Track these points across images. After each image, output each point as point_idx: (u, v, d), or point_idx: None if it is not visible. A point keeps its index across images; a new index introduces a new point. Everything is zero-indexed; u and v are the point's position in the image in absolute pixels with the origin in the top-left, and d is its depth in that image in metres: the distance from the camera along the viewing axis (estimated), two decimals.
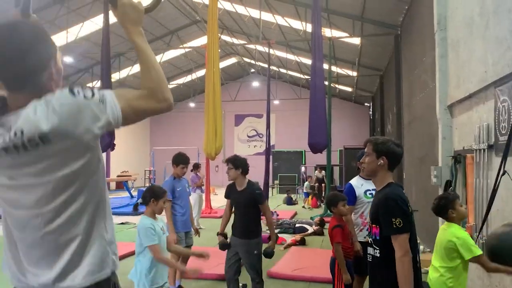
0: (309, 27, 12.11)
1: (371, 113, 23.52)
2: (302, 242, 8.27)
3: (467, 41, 4.82)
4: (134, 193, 16.58)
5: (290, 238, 8.49)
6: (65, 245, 1.26)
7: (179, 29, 18.37)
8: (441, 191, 5.54)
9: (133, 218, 11.27)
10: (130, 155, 24.07)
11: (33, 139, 1.17)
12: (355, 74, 18.32)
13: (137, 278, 3.24)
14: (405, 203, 2.32)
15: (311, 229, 9.43)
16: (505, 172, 3.34)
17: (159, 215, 3.45)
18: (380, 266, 2.36)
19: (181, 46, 18.74)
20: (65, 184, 1.23)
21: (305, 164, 23.03)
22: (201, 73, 21.13)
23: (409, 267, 2.23)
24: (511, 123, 3.45)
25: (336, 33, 13.77)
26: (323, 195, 15.54)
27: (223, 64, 22.51)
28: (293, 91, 22.70)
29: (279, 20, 14.94)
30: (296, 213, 13.19)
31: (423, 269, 5.04)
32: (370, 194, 4.13)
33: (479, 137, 4.29)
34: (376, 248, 2.38)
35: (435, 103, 5.91)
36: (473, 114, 4.71)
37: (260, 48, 19.18)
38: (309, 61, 13.96)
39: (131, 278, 3.32)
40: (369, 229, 2.48)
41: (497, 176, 3.40)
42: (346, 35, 13.36)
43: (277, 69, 22.57)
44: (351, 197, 4.21)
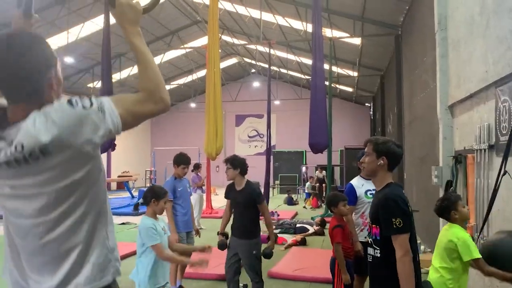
0: (309, 27, 12.11)
1: (371, 113, 23.51)
2: (302, 242, 8.26)
3: (468, 40, 4.82)
4: (135, 193, 16.59)
5: (290, 238, 8.48)
6: (66, 253, 1.27)
7: (179, 30, 18.39)
8: (442, 191, 5.54)
9: (134, 218, 11.27)
10: (131, 155, 24.10)
11: (34, 153, 1.17)
12: (355, 74, 18.32)
13: (139, 278, 3.25)
14: (405, 203, 2.32)
15: (311, 229, 9.43)
16: (505, 172, 3.34)
17: (160, 215, 3.44)
18: (380, 266, 2.36)
19: (182, 46, 18.76)
20: (66, 194, 1.24)
21: (306, 164, 23.02)
22: (202, 73, 21.13)
23: (410, 267, 2.23)
24: None
25: (336, 33, 13.77)
26: (323, 195, 15.53)
27: (224, 64, 22.52)
28: (294, 91, 22.70)
29: (280, 20, 14.95)
30: (296, 213, 13.18)
31: (424, 269, 5.05)
32: (370, 194, 4.13)
33: (479, 137, 4.29)
34: (376, 248, 2.37)
35: (436, 103, 5.90)
36: (473, 114, 4.70)
37: (260, 48, 19.18)
38: (309, 61, 13.96)
39: (132, 278, 3.32)
40: (369, 229, 2.48)
41: (498, 176, 3.40)
42: (346, 35, 13.37)
43: (278, 69, 22.58)
44: (352, 197, 4.22)
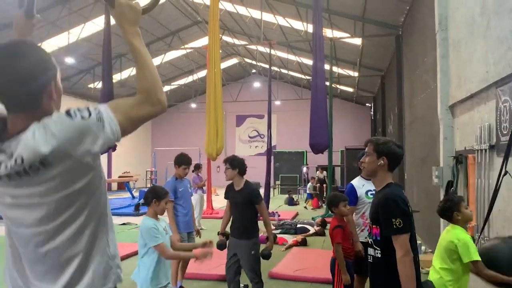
0: (310, 28, 12.13)
1: (372, 113, 23.49)
2: (303, 242, 8.25)
3: (468, 41, 4.82)
4: (135, 193, 16.60)
5: (291, 238, 8.48)
6: (67, 261, 1.27)
7: (180, 30, 18.41)
8: (442, 192, 5.54)
9: (135, 218, 11.28)
10: (131, 155, 24.11)
11: (34, 165, 1.17)
12: (356, 74, 18.32)
13: (140, 278, 3.25)
14: (405, 203, 2.32)
15: (312, 230, 9.43)
16: (506, 172, 3.35)
17: (161, 216, 3.44)
18: (381, 266, 2.36)
19: (182, 47, 18.78)
20: (66, 204, 1.24)
21: (307, 164, 23.00)
22: (202, 73, 21.13)
23: (410, 267, 2.23)
24: None
25: (337, 34, 13.77)
26: (324, 195, 15.52)
27: (224, 64, 22.53)
28: (294, 91, 22.70)
29: (280, 20, 14.96)
30: (297, 214, 13.18)
31: (425, 270, 5.05)
32: (371, 194, 4.13)
33: (480, 137, 4.29)
34: (376, 248, 2.37)
35: (437, 104, 5.90)
36: (474, 114, 4.70)
37: (261, 48, 19.19)
38: (310, 62, 13.98)
39: (134, 279, 3.32)
40: (369, 230, 2.48)
41: (499, 176, 3.40)
42: (347, 35, 13.37)
43: (278, 70, 22.59)
44: (353, 197, 4.22)
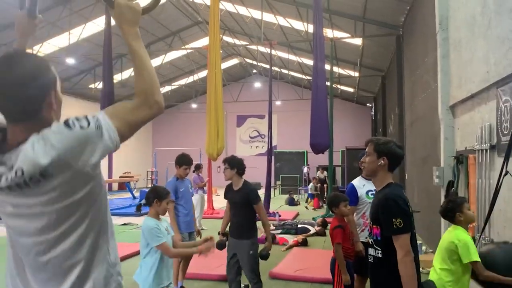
0: (310, 28, 12.13)
1: (373, 113, 23.48)
2: (304, 243, 8.25)
3: (469, 41, 4.82)
4: (136, 194, 16.60)
5: (292, 239, 8.48)
6: (69, 269, 1.28)
7: (181, 30, 18.42)
8: (443, 192, 5.54)
9: (136, 219, 11.28)
10: (132, 156, 24.11)
11: (34, 177, 1.17)
12: (357, 74, 18.32)
13: (142, 279, 3.25)
14: (406, 203, 2.32)
15: (313, 230, 9.43)
16: (507, 172, 3.35)
17: (162, 216, 3.45)
18: (381, 266, 2.36)
19: (183, 47, 18.80)
20: (67, 214, 1.25)
21: (308, 164, 22.99)
22: (203, 74, 21.13)
23: (411, 267, 2.23)
24: None
25: (337, 34, 13.77)
26: (325, 195, 15.51)
27: (225, 65, 22.54)
28: (295, 91, 22.70)
29: (281, 21, 14.96)
30: (298, 214, 13.17)
31: (425, 270, 5.05)
32: (372, 194, 4.12)
33: (481, 137, 4.30)
34: (377, 248, 2.37)
35: (437, 104, 5.90)
36: (475, 114, 4.70)
37: (262, 49, 19.20)
38: (310, 62, 13.97)
39: (136, 279, 3.33)
40: (369, 230, 2.48)
41: (499, 176, 3.40)
42: (347, 35, 13.38)
43: (279, 70, 22.59)
44: (353, 197, 4.22)
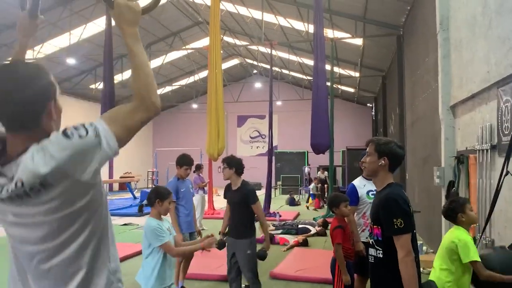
0: (311, 28, 12.14)
1: (373, 113, 23.48)
2: (304, 243, 8.25)
3: (470, 41, 4.81)
4: (137, 194, 16.63)
5: (292, 239, 8.48)
6: (71, 276, 1.29)
7: (181, 31, 18.43)
8: (444, 192, 5.53)
9: (136, 219, 11.30)
10: (133, 156, 24.12)
11: (35, 187, 1.17)
12: (357, 75, 18.32)
13: (145, 279, 3.25)
14: (406, 203, 2.32)
15: (313, 230, 9.43)
16: (508, 172, 3.35)
17: (164, 216, 3.45)
18: (382, 266, 2.36)
19: (184, 47, 18.81)
20: (68, 222, 1.25)
21: (308, 165, 22.98)
22: (204, 74, 21.15)
23: (412, 267, 2.22)
24: None
25: (338, 34, 13.77)
26: (325, 196, 15.50)
27: (226, 65, 22.56)
28: (296, 92, 22.70)
29: (281, 21, 14.96)
30: (298, 214, 13.17)
31: (426, 270, 5.05)
32: (372, 194, 4.12)
33: (482, 137, 4.29)
34: (378, 249, 2.36)
35: (438, 104, 5.90)
36: (476, 114, 4.70)
37: (262, 49, 19.20)
38: (311, 62, 13.98)
39: (138, 280, 3.33)
40: (370, 230, 2.48)
41: (500, 176, 3.40)
42: (348, 36, 13.37)
43: (280, 70, 22.60)
44: (354, 197, 4.22)
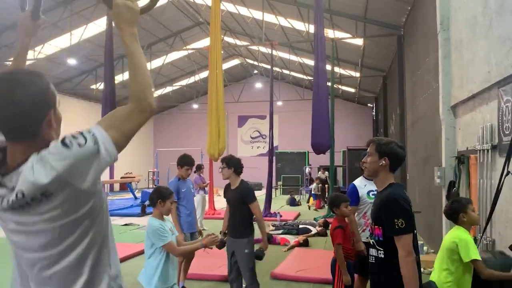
0: (311, 28, 12.13)
1: (374, 114, 23.47)
2: (305, 243, 8.25)
3: (470, 41, 4.81)
4: (137, 194, 16.63)
5: (293, 239, 8.48)
6: (72, 283, 1.29)
7: (182, 31, 18.44)
8: (444, 192, 5.53)
9: (137, 219, 11.31)
10: (133, 156, 24.13)
11: (36, 198, 1.18)
12: (358, 75, 18.31)
13: (147, 279, 3.26)
14: (407, 203, 2.32)
15: (314, 230, 9.43)
16: (508, 172, 3.34)
17: (166, 216, 3.45)
18: (383, 267, 2.35)
19: (184, 47, 18.82)
20: (70, 229, 1.25)
21: (309, 165, 22.97)
22: (204, 74, 21.16)
23: (413, 267, 2.22)
24: None
25: (338, 34, 13.77)
26: (326, 196, 15.49)
27: (226, 65, 22.56)
28: (296, 92, 22.71)
29: (282, 21, 14.96)
30: (299, 214, 13.18)
31: (427, 270, 5.05)
32: (373, 195, 4.12)
33: (482, 137, 4.29)
34: (379, 249, 2.36)
35: (438, 104, 5.90)
36: (476, 114, 4.70)
37: (263, 49, 19.20)
38: (312, 62, 13.99)
39: (140, 280, 3.34)
40: (371, 230, 2.47)
41: (501, 176, 3.40)
42: (348, 36, 13.37)
43: (280, 70, 22.60)
44: (354, 197, 4.22)
